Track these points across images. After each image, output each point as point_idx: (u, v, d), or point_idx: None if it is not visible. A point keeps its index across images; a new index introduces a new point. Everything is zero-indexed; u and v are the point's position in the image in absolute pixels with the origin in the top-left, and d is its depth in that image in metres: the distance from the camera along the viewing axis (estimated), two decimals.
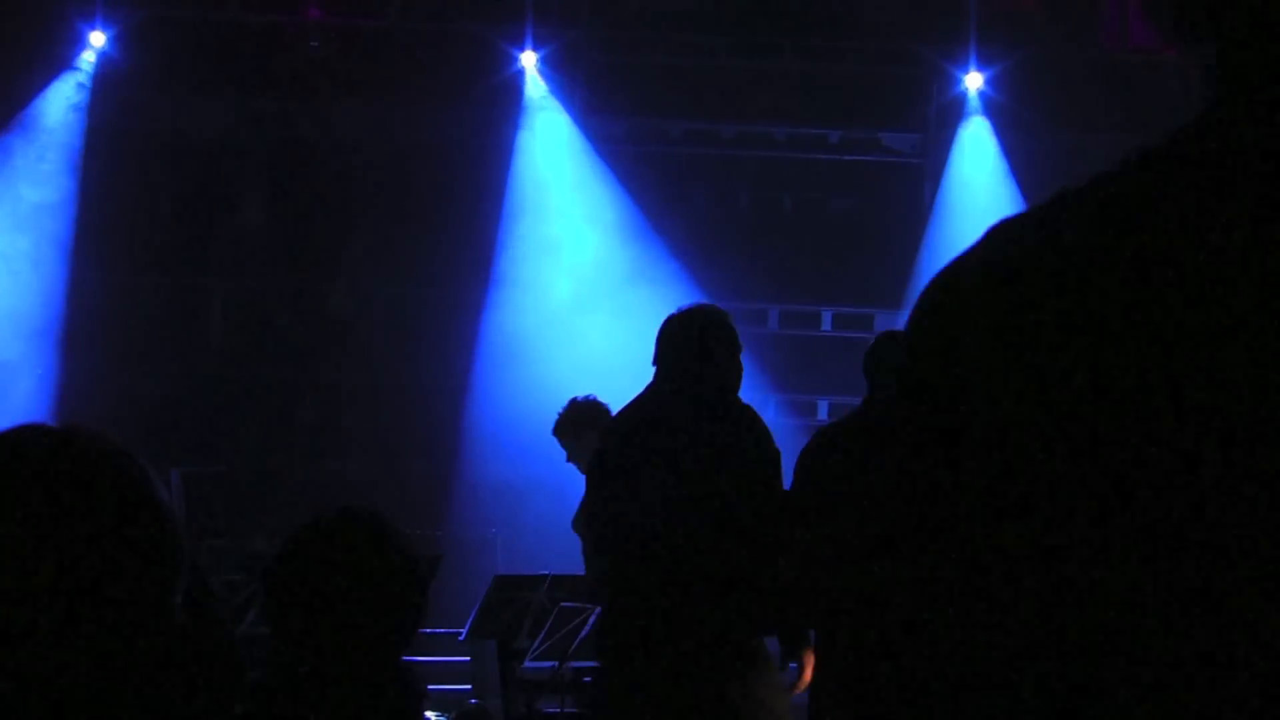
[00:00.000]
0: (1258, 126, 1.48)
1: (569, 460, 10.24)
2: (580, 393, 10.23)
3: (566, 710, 10.55)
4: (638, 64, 15.36)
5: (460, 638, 10.60)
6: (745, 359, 7.24)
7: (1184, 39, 1.58)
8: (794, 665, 7.34)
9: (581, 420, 10.20)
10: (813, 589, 6.88)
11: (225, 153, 15.45)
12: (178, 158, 15.32)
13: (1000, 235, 1.46)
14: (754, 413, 7.15)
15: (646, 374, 7.22)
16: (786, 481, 7.05)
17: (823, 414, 14.92)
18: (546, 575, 10.51)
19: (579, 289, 15.00)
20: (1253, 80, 1.53)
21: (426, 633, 9.96)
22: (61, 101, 14.90)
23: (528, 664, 10.35)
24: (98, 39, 14.76)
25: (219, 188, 15.52)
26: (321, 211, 15.61)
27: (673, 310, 7.31)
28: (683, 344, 7.12)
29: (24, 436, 2.34)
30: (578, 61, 15.30)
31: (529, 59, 15.11)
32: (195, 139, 15.38)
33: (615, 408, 7.81)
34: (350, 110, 15.34)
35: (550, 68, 15.21)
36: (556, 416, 10.46)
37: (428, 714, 9.94)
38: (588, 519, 8.08)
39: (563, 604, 10.22)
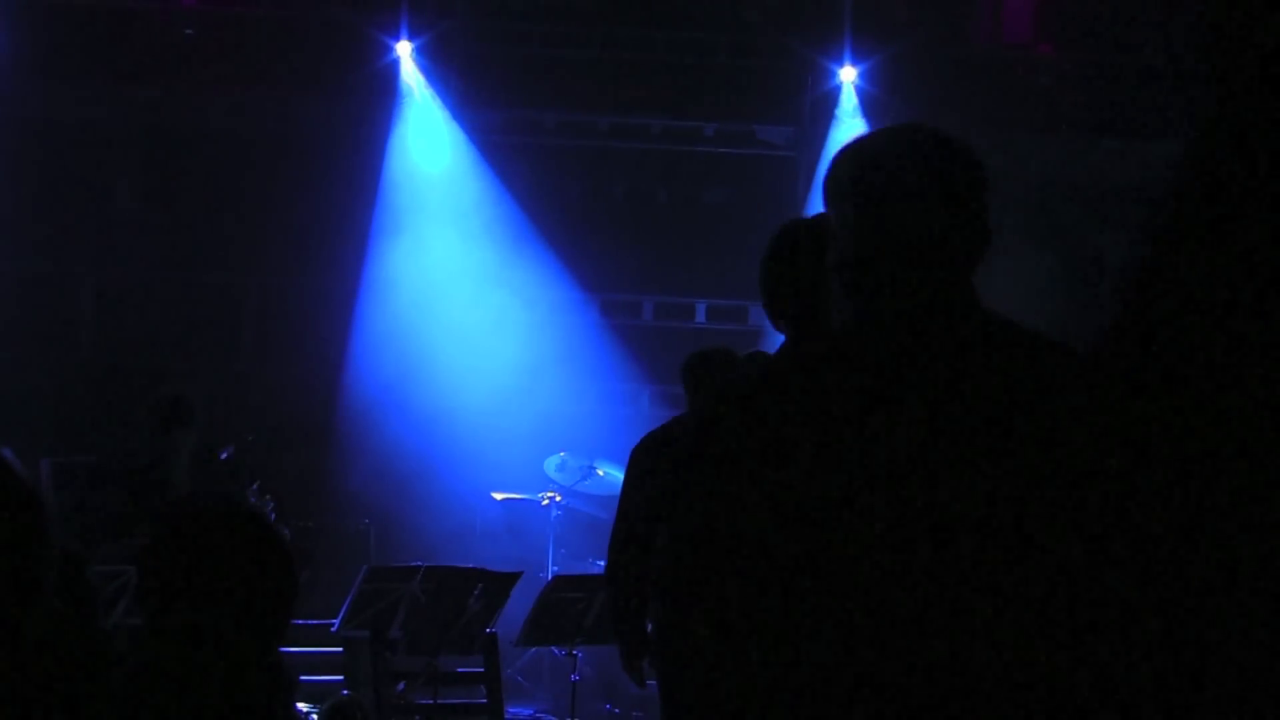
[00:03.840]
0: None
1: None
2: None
3: (439, 702, 10.55)
4: (513, 55, 15.33)
5: (333, 629, 10.58)
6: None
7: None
8: None
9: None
10: None
11: (97, 139, 15.30)
12: (48, 143, 15.16)
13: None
14: None
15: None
16: None
17: None
18: (419, 566, 10.51)
19: (452, 281, 14.96)
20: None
21: (299, 624, 9.92)
22: None
23: (400, 655, 10.35)
24: None
25: (90, 174, 15.37)
26: (194, 200, 15.49)
27: None
28: None
29: None
30: (453, 52, 15.26)
31: (404, 48, 15.06)
32: (66, 125, 15.22)
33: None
34: (224, 98, 15.23)
35: (425, 58, 15.17)
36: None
37: (299, 705, 9.91)
38: None
39: (436, 595, 10.22)
